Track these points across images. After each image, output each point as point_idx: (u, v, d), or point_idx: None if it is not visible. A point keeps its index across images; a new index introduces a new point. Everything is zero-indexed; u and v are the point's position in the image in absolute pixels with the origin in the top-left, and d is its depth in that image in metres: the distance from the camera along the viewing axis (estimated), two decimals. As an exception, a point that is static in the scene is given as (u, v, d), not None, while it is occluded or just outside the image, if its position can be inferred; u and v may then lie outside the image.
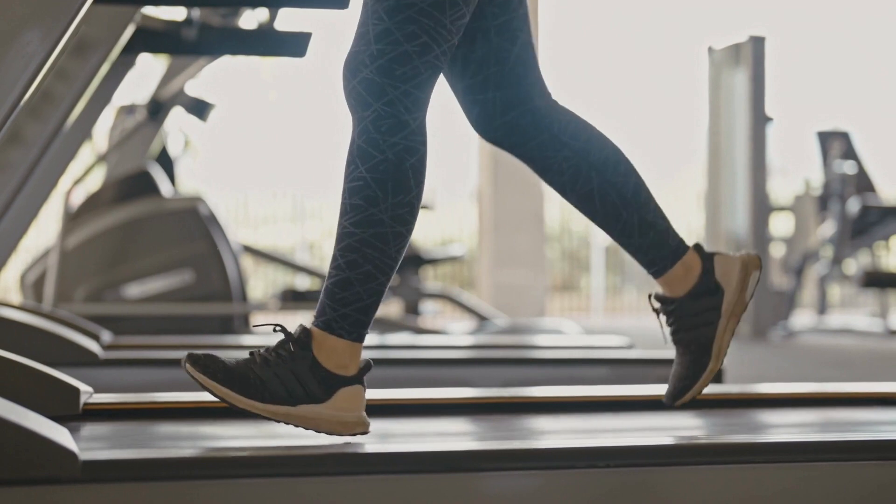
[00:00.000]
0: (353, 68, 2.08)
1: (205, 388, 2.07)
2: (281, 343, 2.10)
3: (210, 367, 2.07)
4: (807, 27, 17.08)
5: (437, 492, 1.91)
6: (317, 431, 2.09)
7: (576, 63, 16.02)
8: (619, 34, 16.90)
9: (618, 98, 16.20)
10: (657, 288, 2.33)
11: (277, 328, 2.12)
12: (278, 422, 2.08)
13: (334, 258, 2.10)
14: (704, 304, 2.27)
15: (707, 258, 2.30)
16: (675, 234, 2.31)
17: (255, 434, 2.29)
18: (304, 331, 2.09)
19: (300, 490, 1.87)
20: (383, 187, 2.06)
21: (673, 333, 2.30)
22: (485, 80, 2.25)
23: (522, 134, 2.27)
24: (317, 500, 1.88)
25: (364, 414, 2.11)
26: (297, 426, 2.09)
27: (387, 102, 2.06)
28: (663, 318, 2.30)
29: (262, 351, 2.10)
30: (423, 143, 2.09)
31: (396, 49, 2.06)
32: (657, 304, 2.31)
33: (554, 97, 2.31)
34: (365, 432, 2.11)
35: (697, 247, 2.30)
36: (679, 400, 2.28)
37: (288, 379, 2.07)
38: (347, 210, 2.08)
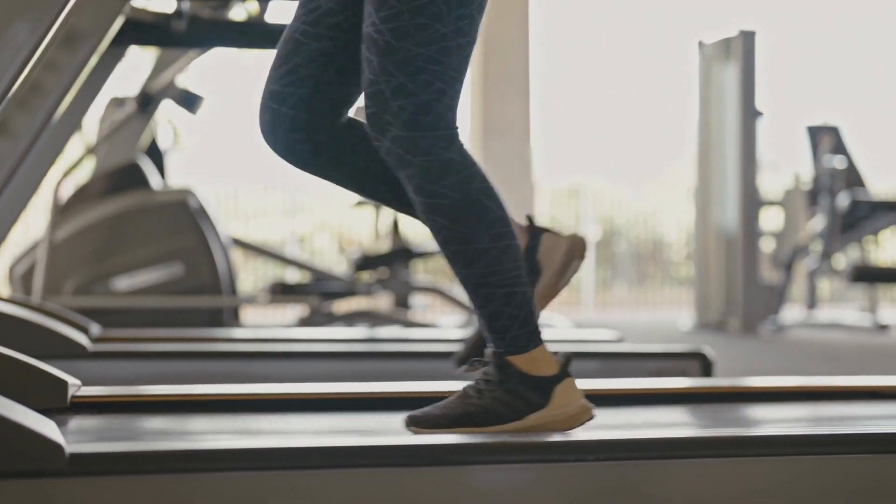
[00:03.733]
0: (379, 130, 2.11)
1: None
2: (485, 372, 2.17)
3: (431, 420, 2.15)
4: (797, 22, 17.09)
5: (427, 485, 1.91)
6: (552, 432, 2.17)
7: (566, 57, 16.01)
8: (610, 29, 16.90)
9: (608, 92, 16.20)
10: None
11: (475, 363, 2.19)
12: None
13: (472, 300, 2.15)
14: None
15: (535, 235, 2.26)
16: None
17: (242, 428, 2.29)
18: (497, 357, 2.16)
19: (287, 483, 1.87)
20: (467, 224, 2.11)
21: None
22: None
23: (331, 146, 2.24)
24: (305, 494, 1.87)
25: (584, 401, 2.19)
26: None
27: (423, 152, 2.10)
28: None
29: (473, 385, 2.18)
30: (473, 163, 2.14)
31: (414, 101, 2.09)
32: None
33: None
34: (591, 418, 2.18)
35: (529, 220, 2.27)
36: (462, 367, 2.24)
37: (506, 399, 2.15)
38: (452, 258, 2.13)
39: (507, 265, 2.13)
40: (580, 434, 2.15)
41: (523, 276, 2.15)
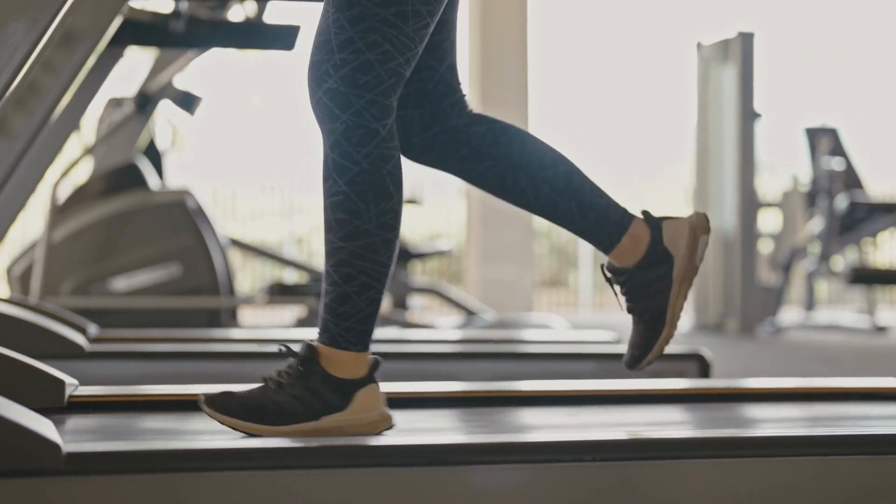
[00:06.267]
0: (317, 78, 2.10)
1: (228, 426, 2.11)
2: (289, 364, 2.13)
3: (227, 405, 2.11)
4: (795, 24, 17.10)
5: (424, 485, 1.91)
6: (346, 437, 2.11)
7: (564, 58, 16.02)
8: (608, 29, 16.91)
9: (606, 93, 16.21)
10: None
11: (283, 349, 2.15)
12: None
13: (328, 274, 2.11)
14: (655, 274, 2.24)
15: (655, 226, 2.27)
16: (617, 208, 2.27)
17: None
18: (308, 348, 2.12)
19: (284, 483, 1.87)
20: (364, 198, 2.08)
21: (627, 303, 2.27)
22: (405, 96, 2.25)
23: (441, 150, 2.27)
24: (302, 494, 1.87)
25: (385, 409, 2.15)
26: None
27: (354, 113, 2.08)
28: (617, 288, 2.28)
29: (274, 376, 2.14)
30: (396, 147, 2.11)
31: (359, 58, 2.07)
32: (609, 275, 2.28)
33: (471, 109, 2.31)
34: (390, 427, 2.14)
35: (645, 214, 2.28)
36: (637, 366, 2.24)
37: (304, 396, 2.11)
38: (333, 225, 2.10)
39: (380, 258, 2.10)
40: (578, 434, 2.14)
41: (387, 278, 2.12)
